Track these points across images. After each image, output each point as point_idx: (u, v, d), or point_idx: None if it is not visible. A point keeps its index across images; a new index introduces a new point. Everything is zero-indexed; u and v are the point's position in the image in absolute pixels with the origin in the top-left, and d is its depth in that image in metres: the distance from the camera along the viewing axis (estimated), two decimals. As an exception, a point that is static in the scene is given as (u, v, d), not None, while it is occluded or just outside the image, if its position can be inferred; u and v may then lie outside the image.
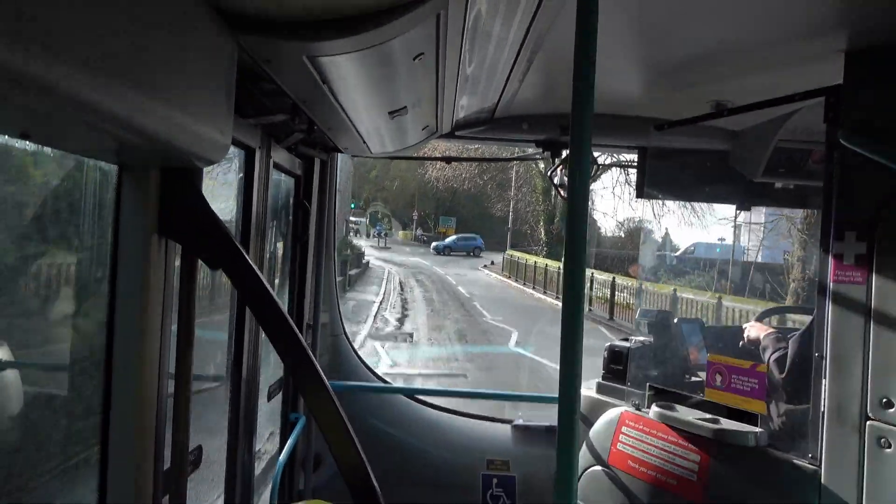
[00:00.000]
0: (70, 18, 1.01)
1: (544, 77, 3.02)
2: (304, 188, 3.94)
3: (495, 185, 52.41)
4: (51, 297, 1.74)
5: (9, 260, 1.56)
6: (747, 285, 22.28)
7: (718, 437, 2.82)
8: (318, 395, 1.93)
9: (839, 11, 2.11)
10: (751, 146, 3.67)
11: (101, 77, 1.10)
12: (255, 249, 2.84)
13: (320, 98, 2.33)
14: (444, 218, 62.34)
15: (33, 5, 0.92)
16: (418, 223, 64.93)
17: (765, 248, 28.07)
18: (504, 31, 2.22)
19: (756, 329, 3.52)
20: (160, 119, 1.35)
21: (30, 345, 1.69)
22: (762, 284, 21.45)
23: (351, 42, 1.68)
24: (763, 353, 3.35)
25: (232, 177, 2.85)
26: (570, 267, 1.49)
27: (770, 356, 3.26)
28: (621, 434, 3.22)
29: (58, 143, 1.49)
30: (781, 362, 3.16)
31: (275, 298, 1.91)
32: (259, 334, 2.95)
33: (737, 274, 24.50)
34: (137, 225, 1.74)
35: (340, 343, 4.81)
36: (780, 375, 3.14)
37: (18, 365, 1.59)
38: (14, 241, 1.56)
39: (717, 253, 29.54)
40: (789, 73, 2.70)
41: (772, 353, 3.27)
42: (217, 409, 2.86)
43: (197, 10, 1.50)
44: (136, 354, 1.74)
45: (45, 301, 1.73)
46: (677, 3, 2.12)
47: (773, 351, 3.27)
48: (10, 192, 1.53)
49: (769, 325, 3.67)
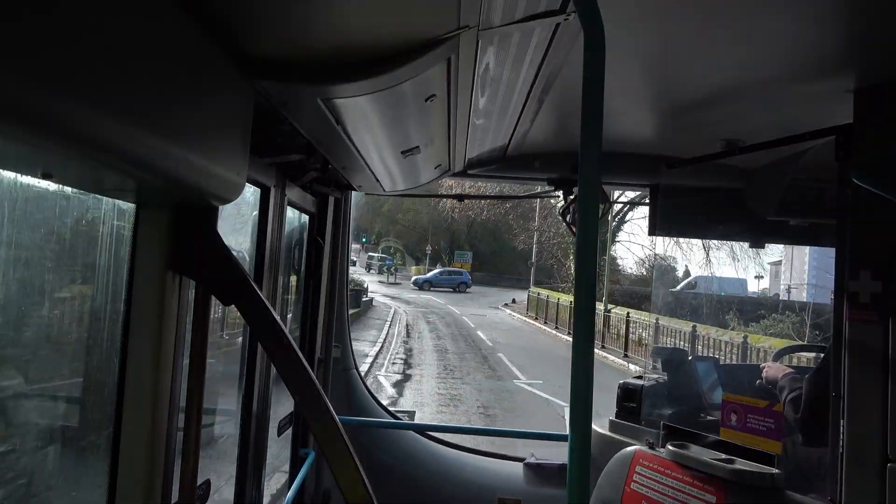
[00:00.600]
0: (93, 63, 1.05)
1: (555, 116, 3.06)
2: (318, 225, 3.98)
3: (517, 215, 48.97)
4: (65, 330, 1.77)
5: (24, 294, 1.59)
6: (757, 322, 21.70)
7: (734, 478, 2.77)
8: (327, 430, 1.93)
9: (846, 51, 2.13)
10: (764, 184, 3.67)
11: (123, 120, 1.14)
12: (269, 285, 2.87)
13: (335, 138, 2.38)
14: (460, 252, 60.85)
15: (57, 51, 0.97)
16: (432, 258, 62.88)
17: (811, 286, 26.92)
18: (514, 73, 2.26)
19: (774, 369, 3.49)
20: (178, 161, 1.39)
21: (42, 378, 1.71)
22: (786, 324, 20.91)
23: (364, 85, 1.72)
24: (780, 392, 3.32)
25: (246, 210, 2.90)
26: (580, 304, 1.50)
27: (786, 396, 3.23)
28: (635, 474, 3.16)
29: (78, 184, 1.54)
30: (796, 402, 3.12)
31: (286, 334, 1.92)
32: (270, 369, 2.96)
33: (754, 311, 23.44)
34: (153, 261, 1.77)
35: (352, 378, 4.80)
36: (795, 416, 3.09)
37: (31, 397, 1.61)
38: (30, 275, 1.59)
39: (726, 288, 28.59)
40: (800, 112, 2.71)
41: (788, 393, 3.24)
42: (227, 442, 2.86)
43: (215, 56, 1.55)
44: (148, 387, 1.76)
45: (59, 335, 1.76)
46: (685, 43, 2.16)
47: (790, 392, 3.23)
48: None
49: (786, 365, 3.63)
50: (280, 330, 1.91)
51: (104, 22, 1.07)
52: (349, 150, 2.61)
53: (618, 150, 3.65)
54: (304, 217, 3.95)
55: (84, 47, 1.03)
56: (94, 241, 1.75)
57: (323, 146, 2.64)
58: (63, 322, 1.74)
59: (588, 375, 1.48)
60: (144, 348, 1.77)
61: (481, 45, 1.90)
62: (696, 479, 2.88)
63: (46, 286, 1.63)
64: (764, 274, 31.91)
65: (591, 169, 1.47)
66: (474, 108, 2.60)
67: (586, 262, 1.49)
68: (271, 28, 1.54)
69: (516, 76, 2.30)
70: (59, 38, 0.96)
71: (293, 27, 1.52)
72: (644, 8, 1.87)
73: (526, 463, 4.48)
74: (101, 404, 1.79)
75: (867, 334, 2.32)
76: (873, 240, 2.34)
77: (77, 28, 1.00)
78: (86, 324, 1.78)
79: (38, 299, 1.61)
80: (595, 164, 1.47)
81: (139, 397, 1.76)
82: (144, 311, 1.77)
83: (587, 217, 1.48)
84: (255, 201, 2.89)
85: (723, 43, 2.11)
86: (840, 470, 2.35)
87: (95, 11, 1.05)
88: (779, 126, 2.78)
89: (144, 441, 1.76)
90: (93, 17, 1.04)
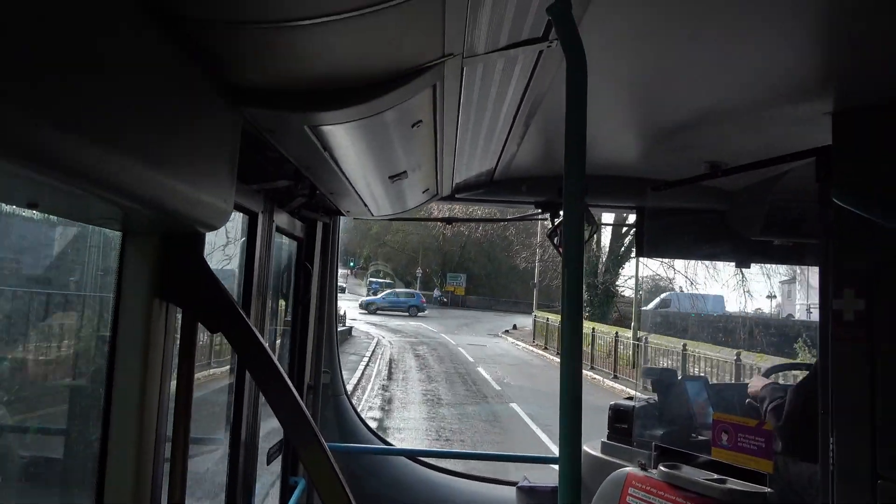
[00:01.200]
0: (79, 92, 1.06)
1: (541, 141, 3.09)
2: (307, 250, 3.98)
3: (518, 230, 42.92)
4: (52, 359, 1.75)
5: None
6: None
7: (727, 498, 2.76)
8: (316, 457, 1.91)
9: (824, 75, 2.18)
10: (747, 205, 3.73)
11: (108, 149, 1.15)
12: (257, 312, 2.86)
13: (322, 164, 2.39)
14: (452, 275, 58.31)
15: (42, 80, 0.97)
16: (423, 281, 59.03)
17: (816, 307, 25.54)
18: (499, 99, 2.29)
19: (756, 382, 3.55)
20: (164, 188, 1.39)
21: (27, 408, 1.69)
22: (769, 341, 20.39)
23: (350, 112, 1.74)
24: (761, 403, 3.37)
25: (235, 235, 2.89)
26: (567, 326, 1.51)
27: (767, 406, 3.28)
28: (628, 496, 3.15)
29: (64, 212, 1.53)
30: (778, 411, 3.17)
31: (274, 361, 1.91)
32: (259, 397, 2.93)
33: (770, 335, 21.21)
34: (139, 289, 1.76)
35: (342, 404, 4.77)
36: (777, 423, 3.14)
37: (16, 429, 1.59)
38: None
39: (701, 306, 27.09)
40: (781, 134, 2.76)
41: (769, 402, 3.30)
42: (216, 472, 2.82)
43: (202, 84, 1.56)
44: (134, 417, 1.74)
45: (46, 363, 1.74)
46: (667, 68, 2.20)
47: (771, 401, 3.29)
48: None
49: (774, 381, 3.67)
50: (268, 357, 1.90)
51: (89, 50, 1.08)
52: (337, 176, 2.62)
53: (603, 173, 3.69)
54: (293, 243, 3.95)
55: (69, 75, 1.03)
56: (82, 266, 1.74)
57: (310, 172, 2.65)
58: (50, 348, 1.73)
59: (577, 397, 1.49)
60: (131, 377, 1.75)
61: (466, 72, 1.92)
62: (688, 500, 2.87)
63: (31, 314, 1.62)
64: (776, 293, 31.00)
65: (576, 192, 1.49)
66: (461, 134, 2.63)
67: (573, 284, 1.50)
68: (258, 55, 1.55)
69: (501, 102, 2.33)
70: (44, 67, 0.96)
71: (279, 55, 1.54)
72: (625, 35, 1.91)
73: (518, 487, 4.44)
74: (87, 433, 1.77)
75: (852, 351, 2.34)
76: (855, 258, 2.37)
77: (62, 56, 1.01)
78: (72, 352, 1.76)
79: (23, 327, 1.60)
80: (579, 187, 1.49)
81: (125, 427, 1.74)
82: (131, 338, 1.75)
83: (573, 240, 1.49)
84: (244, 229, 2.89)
85: (704, 67, 2.15)
86: (831, 487, 2.35)
87: (81, 39, 1.05)
88: (761, 148, 2.82)
89: (131, 470, 1.73)
90: (78, 45, 1.04)
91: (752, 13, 1.72)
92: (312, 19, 1.30)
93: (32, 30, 0.93)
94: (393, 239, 59.13)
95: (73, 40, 1.03)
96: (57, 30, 0.99)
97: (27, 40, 0.92)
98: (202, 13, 1.30)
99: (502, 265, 54.53)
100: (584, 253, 1.59)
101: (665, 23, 1.81)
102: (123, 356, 1.76)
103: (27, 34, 0.92)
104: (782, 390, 3.32)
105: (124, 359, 1.75)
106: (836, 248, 2.43)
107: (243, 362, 2.52)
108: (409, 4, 1.31)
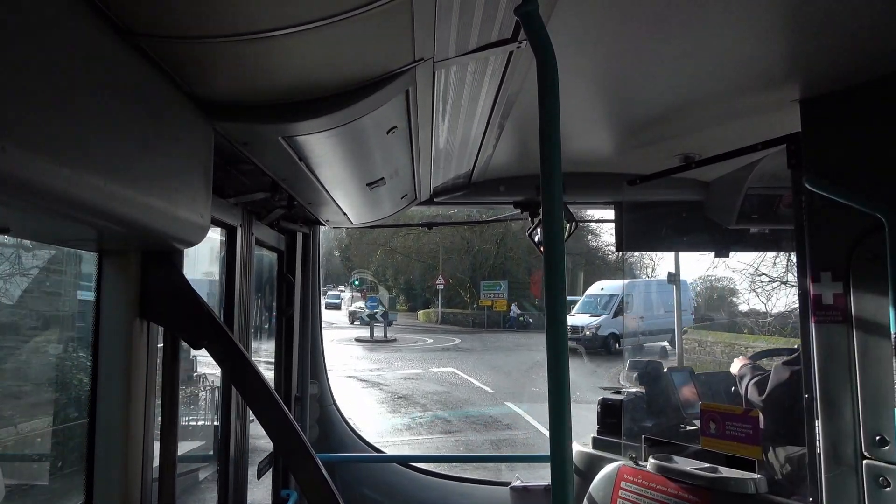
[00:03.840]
0: (46, 110, 1.04)
1: (517, 141, 3.10)
2: (288, 262, 3.96)
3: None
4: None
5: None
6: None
7: (718, 486, 2.79)
8: (307, 469, 1.90)
9: (790, 64, 2.22)
10: (723, 195, 3.77)
11: (79, 169, 1.13)
12: (240, 326, 2.83)
13: (299, 175, 2.38)
14: (488, 284, 39.23)
15: (8, 99, 0.95)
16: (446, 296, 41.34)
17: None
18: (473, 101, 2.30)
19: (738, 362, 3.63)
20: (139, 206, 1.37)
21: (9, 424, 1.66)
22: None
23: (324, 121, 1.73)
24: (741, 382, 3.43)
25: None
26: (552, 324, 1.51)
27: (748, 382, 3.35)
28: (621, 489, 3.17)
29: (36, 236, 1.51)
30: (762, 384, 3.23)
31: (259, 374, 1.90)
32: (246, 411, 2.91)
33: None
34: (119, 308, 1.74)
35: (330, 413, 4.74)
36: (760, 398, 3.18)
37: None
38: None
39: (660, 293, 25.49)
40: (752, 124, 2.80)
41: (750, 378, 3.36)
42: (207, 489, 2.79)
43: (173, 100, 1.55)
44: (119, 436, 1.72)
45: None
46: (635, 63, 2.22)
47: (752, 377, 3.35)
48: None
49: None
50: (253, 370, 1.89)
51: (56, 68, 1.06)
52: (314, 186, 2.61)
53: (580, 169, 3.71)
54: (274, 255, 3.92)
55: (38, 96, 1.01)
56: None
57: (287, 183, 2.63)
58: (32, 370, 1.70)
59: (565, 394, 1.49)
60: (114, 396, 1.73)
61: (438, 76, 1.93)
62: (681, 490, 2.89)
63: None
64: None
65: (553, 190, 1.49)
66: (436, 138, 2.63)
67: (555, 281, 1.51)
68: (228, 69, 1.54)
69: (475, 104, 2.33)
70: (8, 88, 0.95)
71: (250, 67, 1.53)
72: (592, 32, 1.92)
73: (511, 487, 4.45)
74: (72, 454, 1.75)
75: (833, 334, 2.37)
76: (830, 242, 2.41)
77: (27, 76, 0.99)
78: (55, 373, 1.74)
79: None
80: (557, 185, 1.49)
81: (111, 448, 1.72)
82: (113, 358, 1.73)
83: (553, 237, 1.50)
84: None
85: (671, 60, 2.18)
86: (819, 470, 2.38)
87: (46, 58, 1.04)
88: (732, 138, 2.86)
89: (118, 488, 1.71)
90: (43, 64, 1.03)
91: (715, 3, 1.74)
92: (281, 30, 1.30)
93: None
94: (403, 244, 42.32)
95: (38, 59, 1.02)
96: (22, 49, 0.97)
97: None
98: (170, 29, 1.29)
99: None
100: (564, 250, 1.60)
101: (631, 18, 1.83)
102: (106, 376, 1.73)
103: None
104: (761, 369, 3.39)
105: (107, 378, 1.73)
106: (811, 233, 2.47)
107: (228, 377, 2.49)
108: (378, 11, 1.31)
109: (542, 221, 1.51)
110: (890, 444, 2.21)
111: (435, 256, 42.23)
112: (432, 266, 42.24)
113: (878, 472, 2.23)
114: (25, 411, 1.79)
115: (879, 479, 2.23)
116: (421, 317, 42.96)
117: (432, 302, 42.90)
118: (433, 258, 42.45)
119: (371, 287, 38.46)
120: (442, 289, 40.88)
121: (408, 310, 44.71)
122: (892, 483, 2.20)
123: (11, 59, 0.95)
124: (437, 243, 40.90)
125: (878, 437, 2.23)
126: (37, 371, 1.87)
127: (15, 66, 0.96)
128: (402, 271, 43.89)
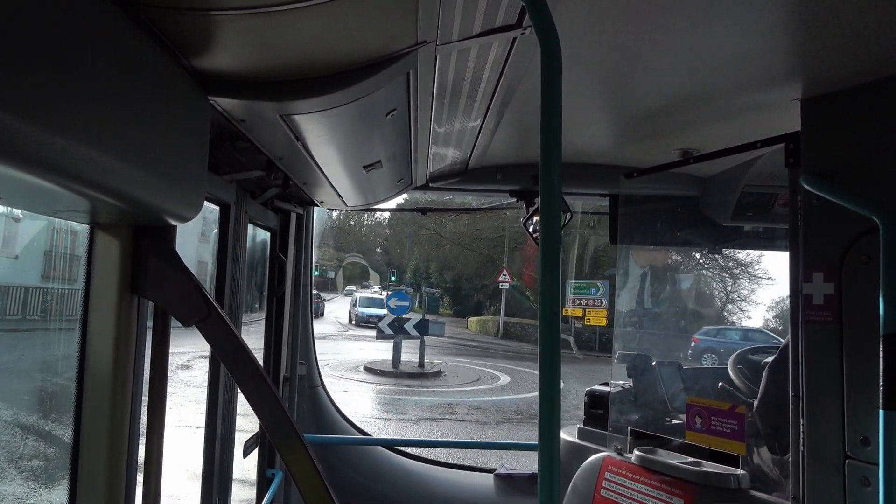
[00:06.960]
0: (41, 80, 1.02)
1: (516, 129, 3.09)
2: (281, 242, 3.94)
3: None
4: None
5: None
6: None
7: (701, 480, 2.81)
8: (294, 449, 1.90)
9: (792, 62, 2.21)
10: (719, 191, 3.77)
11: (73, 139, 1.11)
12: (231, 304, 2.82)
13: (295, 154, 2.36)
14: (581, 285, 27.97)
15: (2, 69, 0.93)
16: (516, 293, 30.34)
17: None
18: (474, 87, 2.28)
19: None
20: (133, 180, 1.36)
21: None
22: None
23: (323, 101, 1.71)
24: (740, 368, 3.52)
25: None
26: (545, 314, 1.51)
27: (736, 364, 3.43)
28: (604, 480, 3.19)
29: (28, 206, 1.50)
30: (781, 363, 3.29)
31: (249, 353, 1.89)
32: (234, 389, 2.90)
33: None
34: (110, 283, 1.73)
35: (319, 395, 4.75)
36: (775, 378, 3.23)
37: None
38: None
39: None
40: (751, 121, 2.79)
41: (737, 363, 3.44)
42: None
43: (170, 72, 1.53)
44: (107, 411, 1.71)
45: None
46: (638, 55, 2.21)
47: (739, 361, 3.44)
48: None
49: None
50: (243, 349, 1.88)
51: (50, 37, 1.04)
52: (310, 166, 2.59)
53: (578, 160, 3.70)
54: (267, 234, 3.91)
55: (31, 64, 1.00)
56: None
57: (283, 162, 2.61)
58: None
59: (555, 384, 1.49)
60: (103, 372, 1.72)
61: (440, 60, 1.91)
62: (664, 483, 2.92)
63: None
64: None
65: (552, 180, 1.49)
66: (435, 122, 2.62)
67: (550, 272, 1.51)
68: (228, 43, 1.52)
69: (476, 90, 2.32)
70: (3, 55, 0.93)
71: (250, 42, 1.51)
72: (598, 21, 1.91)
73: (496, 474, 4.48)
74: (59, 429, 1.74)
75: (822, 335, 2.38)
76: (824, 243, 2.42)
77: (21, 44, 0.97)
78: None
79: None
80: (555, 175, 1.49)
81: (98, 424, 1.71)
82: (102, 333, 1.72)
83: (549, 228, 1.49)
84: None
85: (674, 53, 2.16)
86: (802, 468, 2.41)
87: (40, 26, 1.02)
88: (731, 134, 2.85)
89: (104, 466, 1.71)
90: (38, 32, 1.01)
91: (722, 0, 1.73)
92: (283, 6, 1.28)
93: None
94: (452, 229, 32.57)
95: (33, 27, 1.00)
96: (15, 17, 0.95)
97: None
98: (169, 1, 1.27)
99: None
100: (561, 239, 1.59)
101: (637, 9, 1.81)
102: (94, 351, 1.72)
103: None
104: (750, 352, 3.48)
105: (95, 353, 1.72)
106: (805, 232, 2.47)
107: (217, 355, 2.49)
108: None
109: (539, 210, 1.50)
110: (873, 444, 2.23)
111: (497, 245, 31.00)
112: (490, 258, 31.71)
113: (861, 473, 2.25)
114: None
115: (862, 479, 2.25)
116: (473, 326, 32.17)
117: (485, 306, 32.36)
118: (493, 248, 31.64)
119: (362, 273, 29.44)
120: (506, 288, 29.98)
121: (452, 314, 34.47)
122: (873, 483, 2.23)
123: (4, 28, 0.93)
124: (500, 228, 30.07)
125: (863, 437, 2.25)
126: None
127: (8, 34, 0.94)
128: (450, 265, 33.38)
